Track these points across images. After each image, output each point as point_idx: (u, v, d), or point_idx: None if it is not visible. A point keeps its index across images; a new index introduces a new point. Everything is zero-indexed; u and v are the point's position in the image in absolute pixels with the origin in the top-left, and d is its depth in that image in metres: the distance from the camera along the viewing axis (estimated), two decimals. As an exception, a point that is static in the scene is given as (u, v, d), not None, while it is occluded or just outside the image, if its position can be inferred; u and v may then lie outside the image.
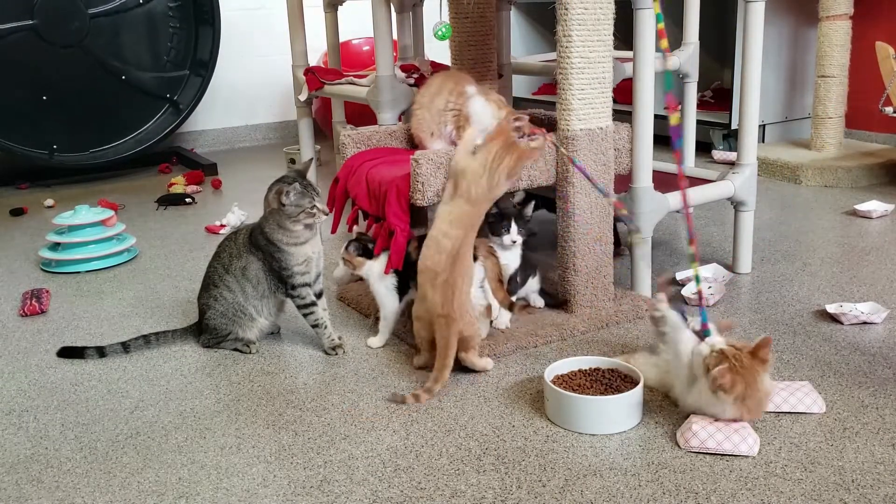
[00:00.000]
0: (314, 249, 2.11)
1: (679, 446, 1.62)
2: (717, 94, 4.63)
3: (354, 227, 2.32)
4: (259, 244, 2.08)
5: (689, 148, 3.22)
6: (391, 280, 2.11)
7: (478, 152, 1.97)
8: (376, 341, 2.16)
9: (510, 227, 2.13)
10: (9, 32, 3.94)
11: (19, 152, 4.06)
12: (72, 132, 4.19)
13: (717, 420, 1.64)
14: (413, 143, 2.43)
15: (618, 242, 2.55)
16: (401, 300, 2.13)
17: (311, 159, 2.12)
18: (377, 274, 2.11)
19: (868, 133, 4.09)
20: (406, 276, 2.10)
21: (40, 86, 4.08)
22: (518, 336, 2.12)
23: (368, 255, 2.11)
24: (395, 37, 2.93)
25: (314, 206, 2.04)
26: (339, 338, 2.15)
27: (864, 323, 2.16)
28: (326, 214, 2.07)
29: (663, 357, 1.84)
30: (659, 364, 1.85)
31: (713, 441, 1.59)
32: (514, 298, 2.12)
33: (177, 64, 4.39)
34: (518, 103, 3.75)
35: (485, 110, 2.28)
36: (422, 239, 2.01)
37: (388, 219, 2.10)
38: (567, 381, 1.81)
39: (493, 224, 2.13)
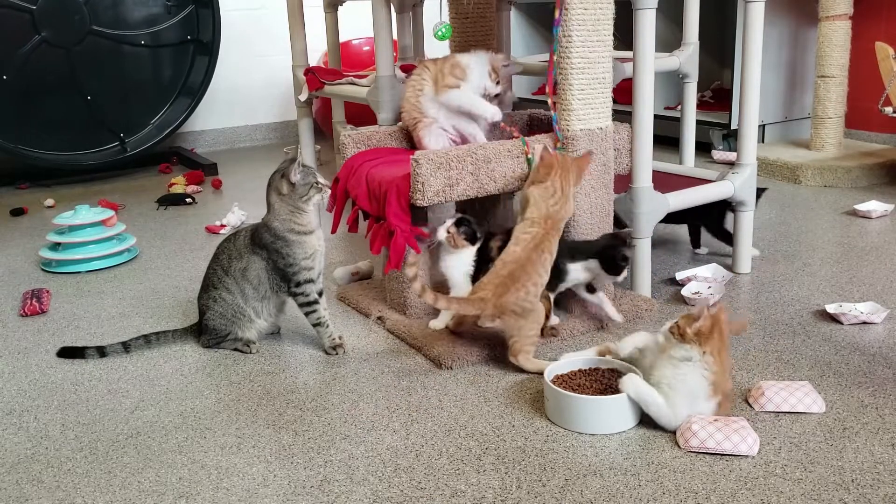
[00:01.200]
0: (319, 242, 2.11)
1: (679, 446, 1.62)
2: (717, 94, 4.63)
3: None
4: (264, 242, 2.08)
5: (689, 148, 3.22)
6: (468, 268, 2.14)
7: (541, 182, 2.03)
8: (438, 323, 2.18)
9: (626, 266, 2.11)
10: (29, 53, 3.99)
11: (92, 156, 4.20)
12: (130, 114, 4.29)
13: (715, 420, 1.64)
14: (413, 144, 2.44)
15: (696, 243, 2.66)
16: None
17: (296, 147, 2.14)
18: (458, 262, 2.14)
19: (868, 133, 4.09)
20: (479, 270, 2.13)
21: (78, 88, 4.15)
22: (518, 336, 2.12)
23: (472, 241, 2.14)
24: (395, 37, 2.93)
25: (317, 181, 2.07)
26: (340, 337, 2.15)
27: (864, 323, 2.16)
28: (329, 187, 2.11)
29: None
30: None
31: (713, 441, 1.59)
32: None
33: (179, 3, 4.39)
34: (518, 103, 3.75)
35: (476, 58, 2.29)
36: (506, 237, 2.06)
37: (388, 219, 2.11)
38: (567, 381, 1.81)
39: (610, 265, 2.09)
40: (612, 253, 2.09)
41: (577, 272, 2.12)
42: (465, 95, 2.28)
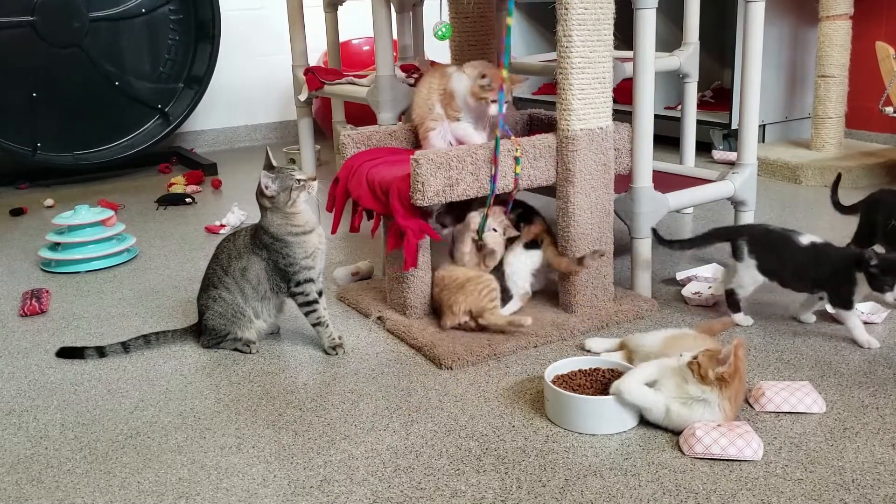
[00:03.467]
0: (320, 240, 2.11)
1: (683, 453, 1.61)
2: (717, 94, 4.62)
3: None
4: (264, 243, 2.08)
5: (690, 148, 3.22)
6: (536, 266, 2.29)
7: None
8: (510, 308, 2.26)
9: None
10: (5, 27, 3.92)
11: (2, 147, 4.02)
12: (58, 132, 4.16)
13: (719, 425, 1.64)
14: (413, 143, 2.43)
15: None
16: None
17: (266, 151, 2.10)
18: (523, 261, 2.28)
19: (868, 133, 4.09)
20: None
21: (32, 83, 4.05)
22: (518, 336, 2.11)
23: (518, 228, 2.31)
24: (395, 37, 2.93)
25: (296, 180, 2.04)
26: (340, 337, 2.15)
27: (865, 323, 2.16)
28: (314, 179, 2.08)
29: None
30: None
31: (717, 447, 1.57)
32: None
33: (172, 76, 4.39)
34: (518, 103, 3.75)
35: (461, 79, 2.27)
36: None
37: (397, 221, 2.10)
38: (567, 381, 1.81)
39: (876, 279, 1.98)
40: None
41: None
42: (462, 129, 2.29)
